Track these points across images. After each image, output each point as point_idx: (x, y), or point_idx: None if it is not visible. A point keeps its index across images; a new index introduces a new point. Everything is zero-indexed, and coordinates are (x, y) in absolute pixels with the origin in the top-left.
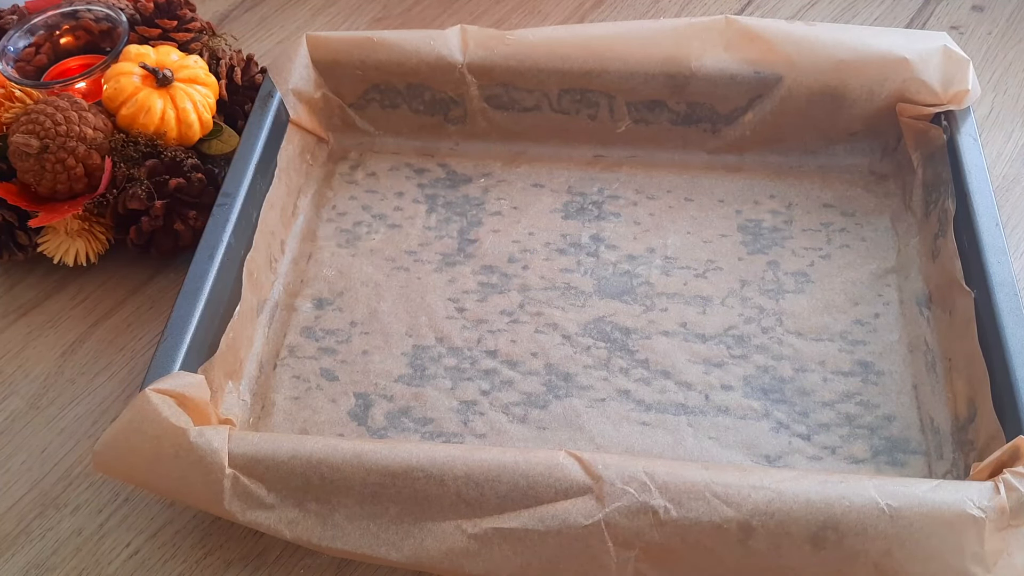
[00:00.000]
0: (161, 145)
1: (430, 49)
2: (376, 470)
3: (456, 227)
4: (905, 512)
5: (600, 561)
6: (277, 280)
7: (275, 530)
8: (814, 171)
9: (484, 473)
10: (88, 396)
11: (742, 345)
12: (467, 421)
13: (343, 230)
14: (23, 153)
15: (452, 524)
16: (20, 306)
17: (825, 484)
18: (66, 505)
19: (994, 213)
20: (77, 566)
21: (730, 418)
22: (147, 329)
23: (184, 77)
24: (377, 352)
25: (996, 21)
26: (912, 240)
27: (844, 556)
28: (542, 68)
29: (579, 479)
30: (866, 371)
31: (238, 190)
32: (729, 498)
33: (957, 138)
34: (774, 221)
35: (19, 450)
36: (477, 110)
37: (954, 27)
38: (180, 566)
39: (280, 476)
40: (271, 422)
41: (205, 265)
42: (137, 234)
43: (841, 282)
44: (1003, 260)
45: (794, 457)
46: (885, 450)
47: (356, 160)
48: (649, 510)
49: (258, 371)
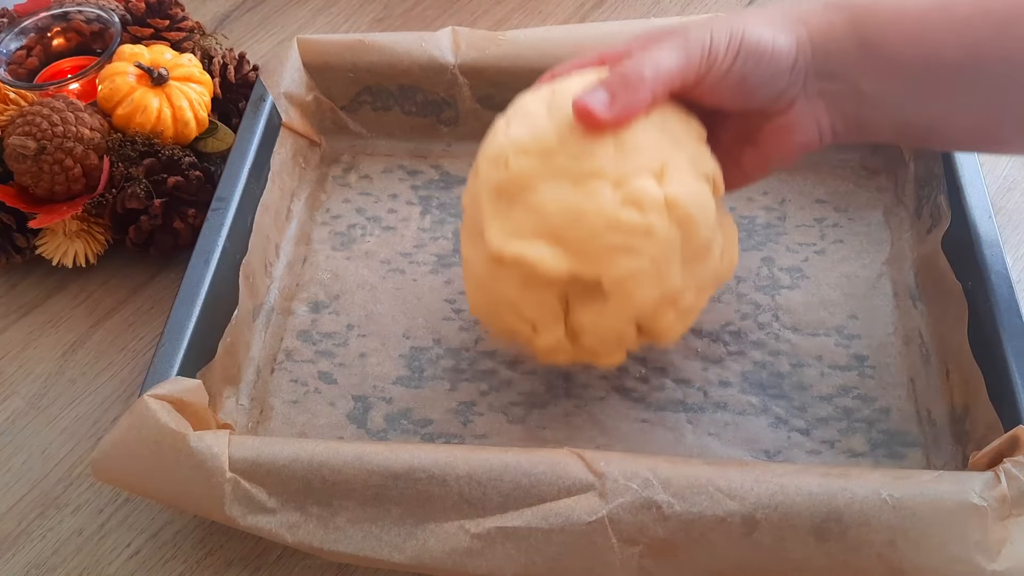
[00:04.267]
0: (158, 144)
1: (422, 51)
2: (378, 472)
3: (451, 228)
4: (908, 502)
5: (604, 558)
6: (273, 284)
7: (276, 535)
8: (806, 167)
9: (486, 472)
10: (89, 396)
11: (739, 341)
12: (467, 422)
13: (337, 233)
14: (20, 155)
15: (455, 524)
16: (21, 306)
17: (827, 476)
18: (67, 505)
19: (986, 205)
20: (78, 566)
21: (729, 414)
22: (148, 329)
23: (179, 76)
24: (375, 354)
25: None
26: (905, 234)
27: (848, 547)
28: (534, 68)
29: (582, 476)
30: (862, 365)
31: (232, 194)
32: (732, 492)
33: None
34: (768, 217)
35: (20, 450)
36: (469, 111)
37: None
38: (181, 566)
39: (281, 480)
40: (270, 426)
41: (201, 270)
42: (136, 233)
43: (836, 277)
44: (996, 252)
45: (793, 452)
46: (883, 443)
47: (349, 163)
48: (652, 505)
49: (256, 375)
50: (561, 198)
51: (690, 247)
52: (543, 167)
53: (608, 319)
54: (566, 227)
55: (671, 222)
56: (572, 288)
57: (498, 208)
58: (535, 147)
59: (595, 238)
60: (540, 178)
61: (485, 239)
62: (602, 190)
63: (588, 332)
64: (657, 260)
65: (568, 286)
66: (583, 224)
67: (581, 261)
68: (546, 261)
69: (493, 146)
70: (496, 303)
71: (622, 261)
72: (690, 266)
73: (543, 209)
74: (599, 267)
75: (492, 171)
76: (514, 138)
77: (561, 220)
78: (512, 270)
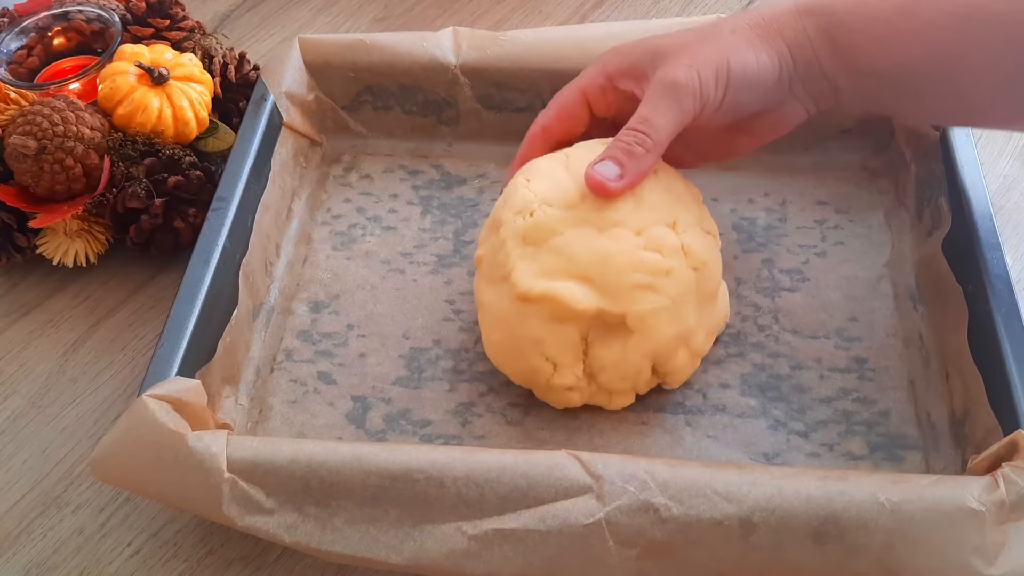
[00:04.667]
0: (159, 143)
1: (423, 51)
2: (376, 472)
3: (451, 228)
4: (905, 506)
5: (602, 560)
6: (273, 284)
7: (274, 535)
8: (807, 168)
9: (484, 474)
10: (90, 395)
11: (739, 343)
12: (465, 423)
13: (338, 233)
14: (20, 154)
15: (452, 526)
16: (21, 306)
17: (825, 480)
18: (67, 504)
19: (987, 208)
20: (78, 565)
21: (728, 416)
22: (149, 328)
23: (179, 75)
24: (374, 355)
25: None
26: (906, 236)
27: (846, 551)
28: (535, 68)
29: (579, 478)
30: (862, 367)
31: (232, 194)
32: (730, 494)
33: (950, 134)
34: (768, 219)
35: (20, 449)
36: (470, 111)
37: None
38: (181, 565)
39: (279, 480)
40: (269, 426)
41: (201, 270)
42: (137, 233)
43: (836, 279)
44: (996, 255)
45: (792, 455)
46: (883, 446)
47: (350, 162)
48: (650, 508)
49: (255, 375)
50: (587, 242)
51: (703, 291)
52: (568, 216)
53: (629, 355)
54: (593, 267)
55: (688, 266)
56: (594, 326)
57: (525, 252)
58: (559, 200)
59: (621, 276)
60: (566, 225)
61: (512, 280)
62: (625, 236)
63: (608, 369)
64: (676, 300)
65: (590, 325)
66: (610, 264)
67: (608, 298)
68: (576, 297)
69: (517, 198)
70: (519, 341)
71: (646, 298)
72: (702, 308)
73: (570, 251)
74: (625, 304)
75: (518, 220)
76: (538, 192)
77: (588, 261)
78: (539, 307)
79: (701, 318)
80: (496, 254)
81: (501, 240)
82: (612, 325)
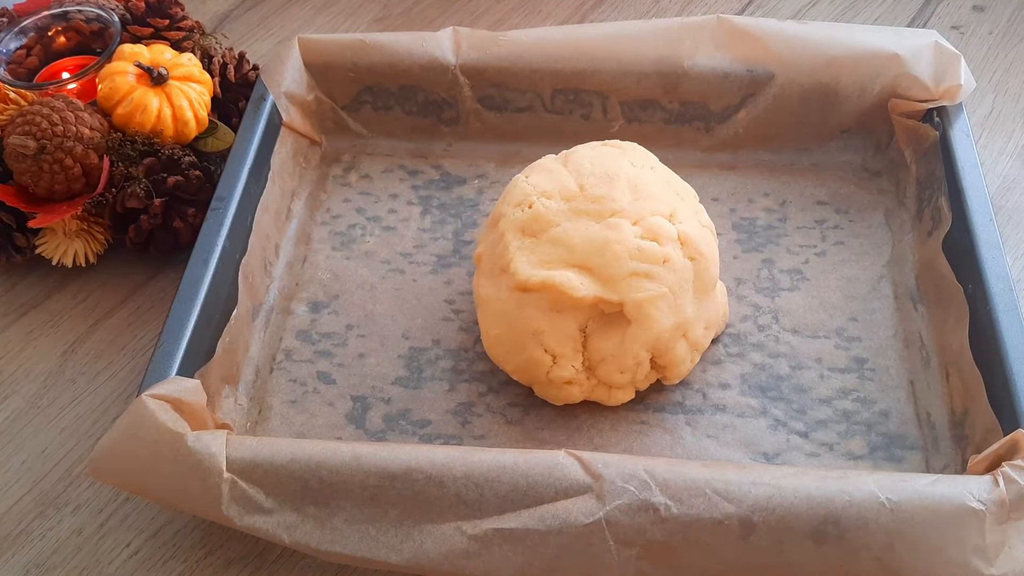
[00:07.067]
0: (158, 143)
1: (422, 51)
2: (375, 472)
3: (451, 228)
4: (905, 506)
5: (601, 560)
6: (272, 284)
7: (273, 535)
8: (807, 168)
9: (484, 474)
10: (89, 396)
11: (738, 343)
12: (465, 423)
13: (337, 233)
14: (20, 154)
15: (452, 526)
16: (21, 305)
17: (825, 479)
18: (66, 505)
19: (988, 208)
20: (78, 566)
21: (728, 416)
22: (148, 328)
23: (179, 75)
24: (374, 355)
25: (997, 21)
26: (906, 236)
27: (846, 551)
28: (535, 68)
29: (579, 478)
30: (862, 367)
31: (232, 194)
32: (730, 494)
33: (950, 134)
34: (768, 219)
35: (20, 450)
36: (470, 111)
37: (955, 27)
38: (181, 565)
39: (278, 480)
40: (268, 426)
41: (200, 270)
42: (136, 233)
43: (836, 279)
44: (997, 255)
45: (792, 454)
46: (882, 446)
47: (349, 162)
48: (650, 507)
49: (255, 375)
50: (585, 232)
51: (700, 281)
52: (566, 208)
53: (627, 345)
54: (591, 256)
55: (684, 255)
56: (593, 317)
57: (523, 243)
58: (557, 192)
59: (619, 265)
60: (564, 216)
61: (511, 270)
62: (623, 225)
63: (607, 360)
64: (674, 288)
65: (589, 315)
66: (607, 253)
67: (606, 286)
68: (575, 285)
69: (516, 192)
70: (519, 334)
71: (644, 286)
72: (700, 299)
73: (568, 241)
74: (622, 292)
75: (516, 212)
76: (536, 185)
77: (586, 250)
78: (538, 297)
79: (699, 310)
80: (495, 248)
81: (500, 233)
82: (611, 316)
